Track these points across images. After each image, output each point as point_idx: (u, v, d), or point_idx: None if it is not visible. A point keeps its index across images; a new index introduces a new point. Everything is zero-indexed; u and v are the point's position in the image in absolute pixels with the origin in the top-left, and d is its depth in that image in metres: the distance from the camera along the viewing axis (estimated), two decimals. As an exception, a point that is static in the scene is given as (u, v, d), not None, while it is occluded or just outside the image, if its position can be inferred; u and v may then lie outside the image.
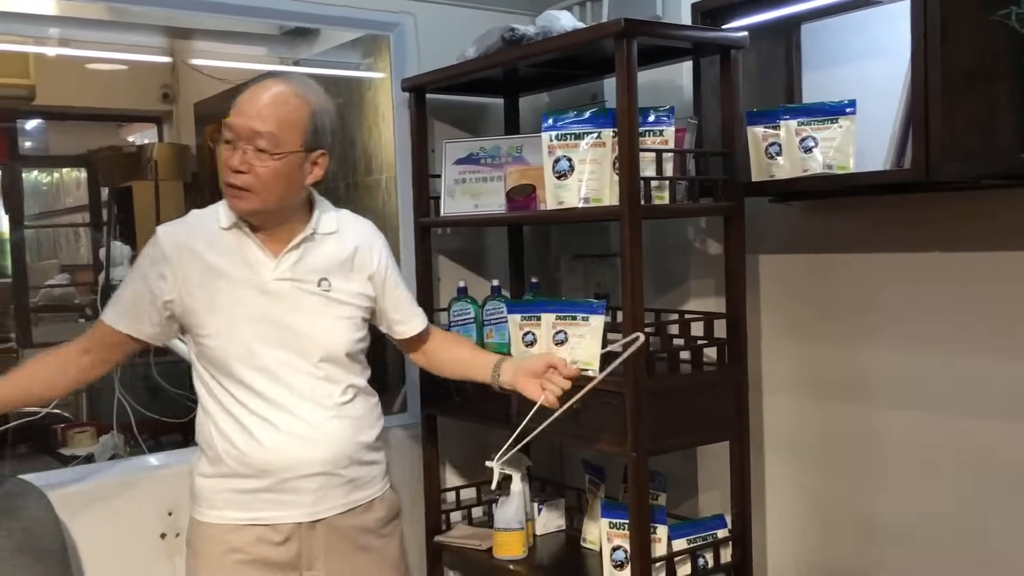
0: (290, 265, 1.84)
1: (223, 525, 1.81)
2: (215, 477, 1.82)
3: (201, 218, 1.89)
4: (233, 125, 1.75)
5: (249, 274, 1.82)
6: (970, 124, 1.76)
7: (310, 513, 1.83)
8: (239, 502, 1.81)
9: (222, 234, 1.84)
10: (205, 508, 1.84)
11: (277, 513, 1.81)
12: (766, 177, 2.13)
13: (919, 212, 2.02)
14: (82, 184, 5.79)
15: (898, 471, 2.09)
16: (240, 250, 1.83)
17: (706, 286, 2.43)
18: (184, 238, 1.84)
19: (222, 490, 1.82)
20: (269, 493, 1.80)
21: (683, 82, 2.40)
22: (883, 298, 2.10)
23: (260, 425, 1.79)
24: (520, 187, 2.29)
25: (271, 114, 1.75)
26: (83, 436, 2.95)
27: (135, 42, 3.70)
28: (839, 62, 2.23)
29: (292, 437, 1.80)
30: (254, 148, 1.74)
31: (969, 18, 1.75)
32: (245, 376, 1.80)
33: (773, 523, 2.37)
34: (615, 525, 2.17)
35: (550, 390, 1.83)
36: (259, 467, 1.79)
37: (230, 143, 1.76)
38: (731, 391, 2.13)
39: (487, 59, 2.27)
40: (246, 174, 1.75)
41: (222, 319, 1.80)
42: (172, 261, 1.81)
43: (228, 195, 1.80)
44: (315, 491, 1.82)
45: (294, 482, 1.81)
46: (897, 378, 2.08)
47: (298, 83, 1.82)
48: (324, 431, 1.83)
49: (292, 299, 1.83)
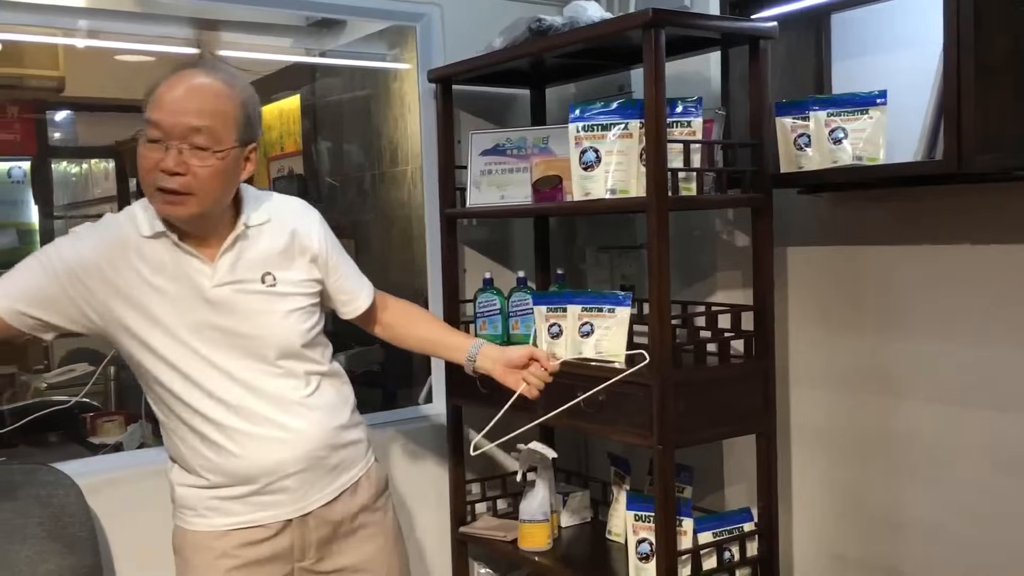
0: (228, 268, 1.71)
1: (211, 532, 1.74)
2: (196, 487, 1.75)
3: (118, 226, 1.71)
4: (162, 123, 1.58)
5: (187, 285, 1.68)
6: (1003, 115, 1.74)
7: (299, 508, 1.76)
8: (225, 508, 1.73)
9: (146, 243, 1.68)
10: (190, 516, 1.76)
11: (265, 514, 1.74)
12: (795, 168, 2.11)
13: (950, 204, 1.99)
14: (110, 175, 5.82)
15: (925, 464, 2.07)
16: (172, 261, 1.68)
17: (733, 278, 2.42)
18: (112, 250, 1.68)
19: (205, 498, 1.74)
20: (254, 496, 1.73)
21: (711, 73, 2.38)
22: (912, 291, 2.08)
23: (230, 436, 1.70)
24: (546, 178, 2.28)
25: (206, 108, 1.61)
26: (112, 425, 2.97)
27: (163, 33, 3.72)
28: (869, 52, 2.21)
29: (265, 442, 1.71)
30: (190, 146, 1.59)
31: (1002, 7, 1.73)
32: (205, 388, 1.69)
33: (799, 516, 2.36)
34: (641, 517, 2.16)
35: (532, 383, 1.83)
36: (239, 476, 1.72)
37: (156, 142, 1.60)
38: (758, 384, 2.12)
39: (514, 50, 2.26)
40: (183, 176, 1.60)
41: (166, 334, 1.68)
42: (94, 272, 1.66)
43: (160, 201, 1.62)
44: (300, 487, 1.75)
45: (277, 483, 1.73)
46: (925, 371, 2.06)
47: (223, 72, 1.69)
48: (296, 429, 1.74)
49: (236, 303, 1.71)
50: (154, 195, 1.63)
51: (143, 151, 1.62)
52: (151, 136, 1.60)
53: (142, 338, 1.69)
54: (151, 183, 1.62)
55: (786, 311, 2.33)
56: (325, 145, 4.17)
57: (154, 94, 1.63)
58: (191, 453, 1.74)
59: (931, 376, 2.05)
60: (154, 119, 1.59)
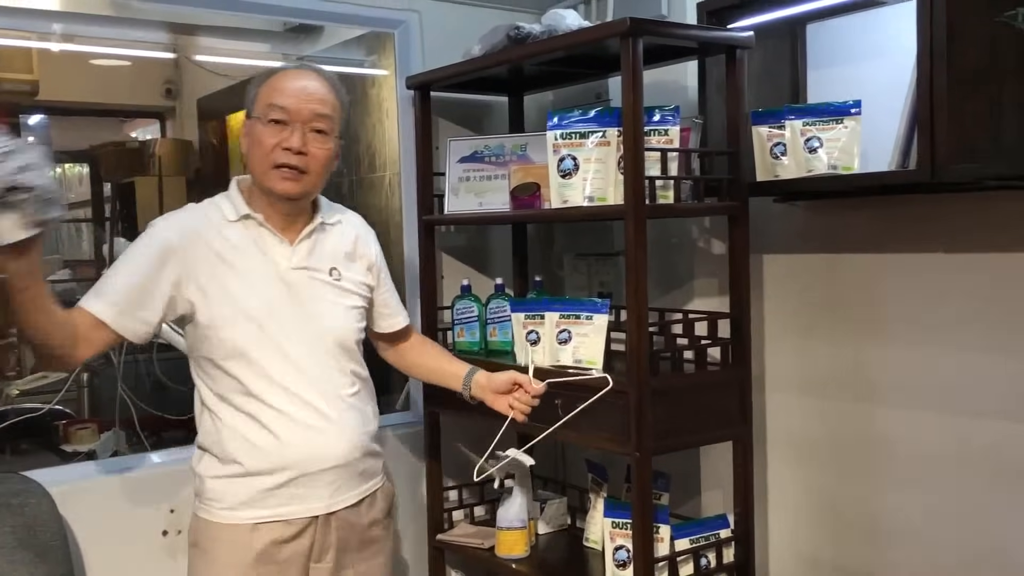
0: (305, 254, 1.84)
1: (238, 525, 1.78)
2: (227, 477, 1.79)
3: (203, 211, 1.85)
4: (289, 106, 1.74)
5: (264, 263, 1.80)
6: (976, 125, 1.75)
7: (327, 506, 1.82)
8: (256, 500, 1.78)
9: (230, 226, 1.81)
10: (216, 508, 1.80)
11: (294, 508, 1.79)
12: (771, 177, 2.12)
13: (924, 213, 2.01)
14: (85, 179, 5.78)
15: (902, 470, 2.09)
16: (254, 240, 1.81)
17: (710, 285, 2.43)
18: (189, 229, 1.80)
19: (235, 490, 1.78)
20: (285, 488, 1.78)
21: (688, 81, 2.40)
22: (887, 298, 2.10)
23: (276, 418, 1.77)
24: (524, 185, 2.29)
25: (327, 98, 1.79)
26: (85, 433, 2.93)
27: (138, 38, 3.69)
28: (844, 62, 2.22)
29: (309, 430, 1.79)
30: (312, 130, 1.76)
31: (976, 18, 1.74)
32: (263, 368, 1.77)
33: (776, 522, 2.37)
34: (618, 524, 2.16)
35: (518, 408, 1.92)
36: (276, 462, 1.77)
37: (279, 123, 1.75)
38: (735, 391, 2.13)
39: (492, 57, 2.27)
40: (304, 155, 1.76)
41: (237, 309, 1.77)
42: (179, 252, 1.77)
43: (279, 176, 1.76)
44: (331, 483, 1.82)
45: (312, 477, 1.79)
46: (901, 377, 2.08)
47: (328, 74, 1.87)
48: (339, 423, 1.82)
49: (308, 287, 1.83)
50: (269, 172, 1.76)
51: (263, 131, 1.75)
52: (275, 117, 1.74)
53: (213, 314, 1.76)
54: (270, 161, 1.75)
55: (762, 318, 2.34)
56: (302, 151, 4.15)
57: (270, 84, 1.78)
58: (232, 437, 1.78)
59: (906, 382, 2.07)
60: (280, 103, 1.74)
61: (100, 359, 3.06)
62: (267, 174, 1.77)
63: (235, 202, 1.83)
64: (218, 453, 1.80)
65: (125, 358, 2.79)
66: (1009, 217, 1.88)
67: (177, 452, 2.36)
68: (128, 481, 2.22)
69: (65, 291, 5.08)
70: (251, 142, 1.79)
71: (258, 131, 1.76)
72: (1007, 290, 1.88)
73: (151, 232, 1.81)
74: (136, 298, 1.74)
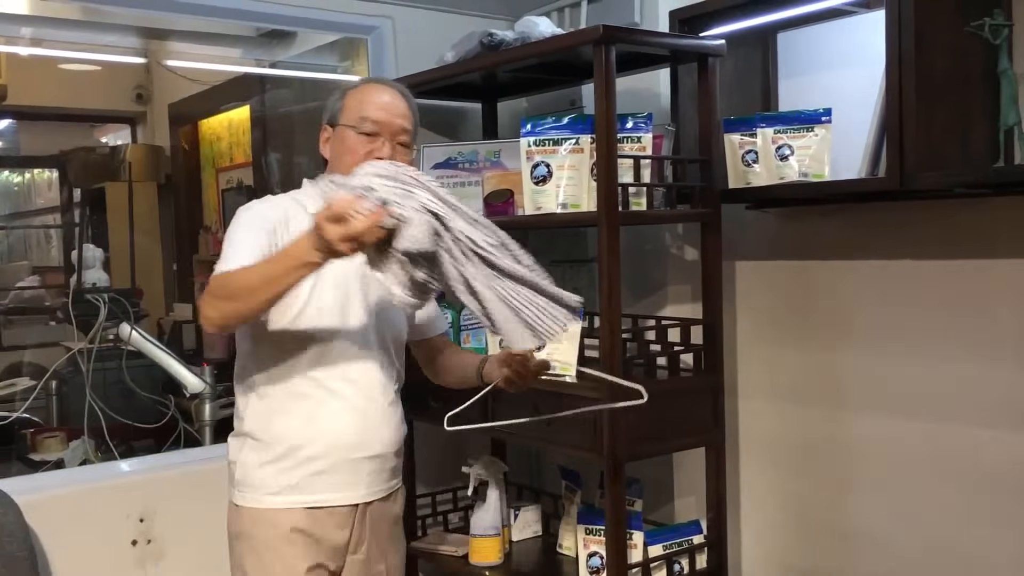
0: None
1: (286, 510, 1.79)
2: (273, 462, 1.80)
3: (285, 201, 1.88)
4: (381, 121, 1.83)
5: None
6: (944, 133, 1.78)
7: (366, 494, 1.85)
8: (303, 485, 1.80)
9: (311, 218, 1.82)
10: (260, 495, 1.81)
11: (337, 495, 1.82)
12: (743, 184, 2.14)
13: (893, 220, 2.03)
14: (54, 185, 5.72)
15: (873, 475, 2.11)
16: None
17: (683, 292, 2.44)
18: (281, 210, 1.83)
19: (282, 475, 1.80)
20: (329, 476, 1.80)
21: (661, 89, 2.41)
22: (858, 304, 2.11)
23: (333, 401, 1.80)
24: (498, 192, 2.29)
25: (408, 113, 1.88)
26: (53, 441, 2.89)
27: (109, 42, 3.66)
28: (815, 70, 2.25)
29: (362, 416, 1.83)
30: (397, 143, 1.84)
31: (943, 28, 1.77)
32: (331, 351, 1.80)
33: (748, 528, 2.38)
34: (591, 531, 2.17)
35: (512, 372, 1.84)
36: (328, 443, 1.80)
37: (371, 135, 1.82)
38: (707, 397, 2.14)
39: (466, 63, 2.27)
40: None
41: (320, 293, 1.79)
42: (279, 227, 1.78)
43: None
44: (371, 473, 1.85)
45: (355, 464, 1.82)
46: (872, 383, 2.10)
47: (407, 90, 1.95)
48: (386, 415, 1.87)
49: (374, 284, 1.80)
50: None
51: (356, 140, 1.83)
52: (367, 130, 1.83)
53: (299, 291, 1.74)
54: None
55: (735, 325, 2.35)
56: (275, 156, 4.13)
57: (360, 97, 1.86)
58: (285, 417, 1.80)
59: (877, 388, 2.09)
60: (373, 117, 1.83)
61: (69, 366, 3.03)
62: None
63: (311, 195, 1.86)
64: (263, 436, 1.81)
65: (93, 366, 2.76)
66: (977, 225, 1.90)
67: (147, 460, 2.35)
68: (97, 490, 2.20)
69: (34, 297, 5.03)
70: (341, 148, 1.85)
71: (351, 139, 1.83)
72: (975, 297, 1.91)
73: (251, 210, 1.83)
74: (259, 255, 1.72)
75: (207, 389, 2.81)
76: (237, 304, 1.61)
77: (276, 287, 1.58)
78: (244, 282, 1.60)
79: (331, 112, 1.89)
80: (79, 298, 2.96)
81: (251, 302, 1.61)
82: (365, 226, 1.43)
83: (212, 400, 2.82)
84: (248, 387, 1.85)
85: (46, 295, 5.08)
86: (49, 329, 3.96)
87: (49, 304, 4.98)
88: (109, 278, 3.75)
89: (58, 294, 4.85)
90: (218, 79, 4.37)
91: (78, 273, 3.61)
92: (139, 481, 2.23)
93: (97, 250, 3.80)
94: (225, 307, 1.62)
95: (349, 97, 1.88)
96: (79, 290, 3.20)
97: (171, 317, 4.58)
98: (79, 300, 2.95)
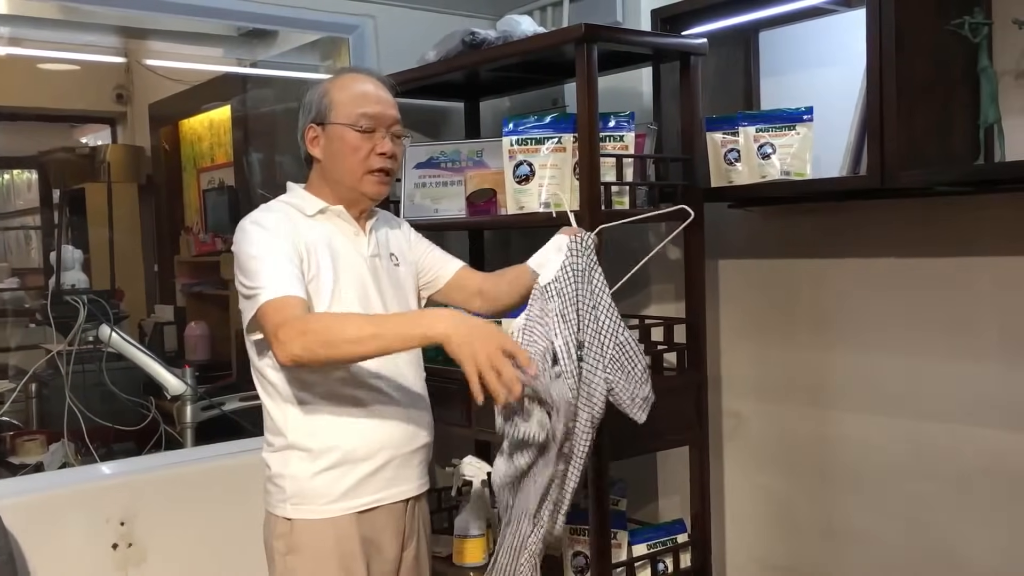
0: (376, 242, 1.88)
1: (343, 517, 1.76)
2: (326, 471, 1.75)
3: (281, 208, 1.84)
4: (377, 115, 1.80)
5: (350, 252, 1.82)
6: (925, 132, 1.78)
7: (417, 487, 1.85)
8: (357, 489, 1.76)
9: (309, 220, 1.82)
10: (320, 504, 1.76)
11: (392, 491, 1.81)
12: (725, 183, 2.14)
13: (874, 218, 2.04)
14: (33, 186, 5.67)
15: (856, 473, 2.11)
16: (337, 230, 1.83)
17: (666, 291, 2.44)
18: (286, 219, 1.80)
19: (336, 482, 1.76)
20: (382, 472, 1.79)
21: (643, 88, 2.41)
22: (840, 303, 2.12)
23: (376, 399, 1.78)
24: (481, 191, 2.28)
25: (394, 102, 1.86)
26: (32, 444, 2.87)
27: (88, 42, 3.63)
28: (797, 69, 2.25)
29: (406, 410, 1.82)
30: (392, 135, 1.83)
31: (924, 27, 1.78)
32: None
33: (732, 526, 2.38)
34: (576, 531, 2.16)
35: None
36: (378, 443, 1.78)
37: (369, 132, 1.80)
38: (691, 396, 2.14)
39: (448, 62, 2.26)
40: (394, 158, 1.83)
41: (341, 292, 1.77)
42: (291, 237, 1.75)
43: (374, 181, 1.81)
44: (419, 465, 1.86)
45: (406, 457, 1.82)
46: (854, 381, 2.10)
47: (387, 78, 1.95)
48: (424, 405, 1.87)
49: (384, 273, 1.87)
50: (364, 177, 1.81)
51: (357, 139, 1.79)
52: (365, 126, 1.79)
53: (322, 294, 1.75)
54: (366, 166, 1.80)
55: (718, 323, 2.36)
56: (256, 156, 4.11)
57: (350, 92, 1.81)
58: (331, 424, 1.76)
59: (860, 386, 2.09)
60: (369, 112, 1.79)
61: (49, 368, 3.00)
62: (362, 179, 1.81)
63: (307, 199, 1.84)
64: (312, 446, 1.76)
65: (73, 368, 2.74)
66: (958, 222, 1.91)
67: (128, 464, 2.32)
68: (77, 494, 2.17)
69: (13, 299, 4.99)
70: (339, 148, 1.81)
71: (352, 139, 1.80)
72: (956, 294, 1.92)
73: (261, 227, 1.76)
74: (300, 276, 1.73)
75: (188, 391, 2.79)
76: (332, 352, 1.58)
77: (383, 348, 1.58)
78: (349, 334, 1.58)
79: (317, 110, 1.82)
80: (58, 300, 2.93)
81: (348, 353, 1.60)
82: (507, 388, 1.49)
83: (193, 402, 2.80)
84: (284, 401, 1.78)
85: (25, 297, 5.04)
86: (28, 331, 3.93)
87: (29, 306, 4.94)
88: (89, 279, 3.71)
89: (37, 296, 4.81)
90: (199, 79, 4.34)
91: (57, 275, 3.57)
92: (120, 484, 2.21)
93: (76, 251, 3.76)
94: (319, 351, 1.58)
95: (337, 93, 1.82)
96: (58, 292, 3.17)
97: (152, 319, 4.55)
98: (58, 302, 2.92)
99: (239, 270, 1.73)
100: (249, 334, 1.74)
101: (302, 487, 1.77)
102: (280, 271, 1.68)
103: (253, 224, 1.77)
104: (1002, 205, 1.83)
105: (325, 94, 1.83)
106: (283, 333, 1.59)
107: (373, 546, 1.79)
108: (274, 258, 1.70)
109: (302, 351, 1.57)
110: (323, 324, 1.62)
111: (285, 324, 1.59)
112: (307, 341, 1.57)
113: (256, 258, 1.70)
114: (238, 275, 1.74)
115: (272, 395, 1.79)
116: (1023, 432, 1.83)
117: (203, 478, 2.36)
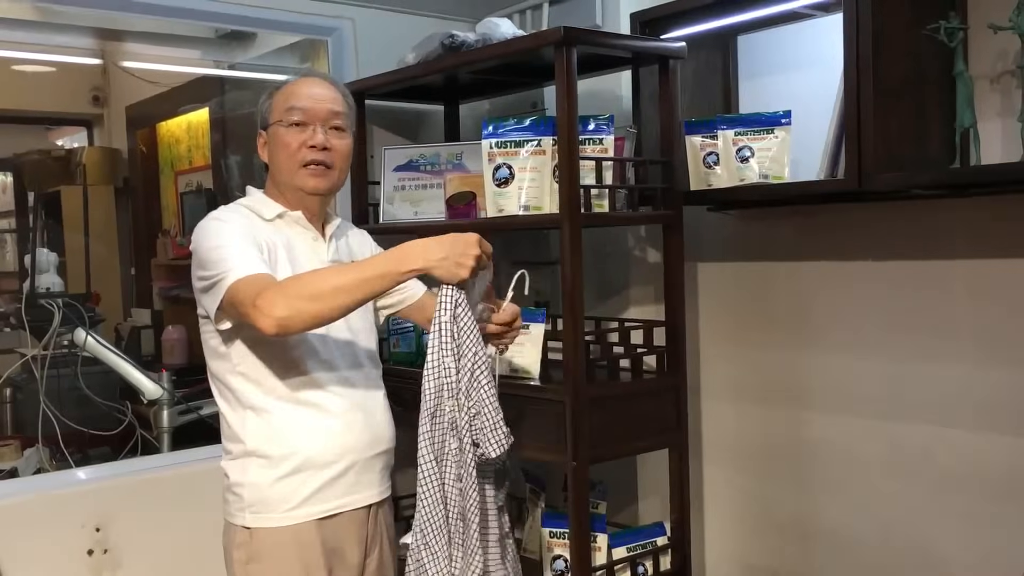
0: (335, 248, 1.89)
1: (305, 523, 1.74)
2: (287, 477, 1.74)
3: (239, 210, 1.84)
4: (308, 108, 1.81)
5: (309, 256, 1.83)
6: (901, 135, 1.80)
7: (379, 492, 1.85)
8: (318, 495, 1.75)
9: (267, 224, 1.82)
10: (280, 512, 1.74)
11: (354, 497, 1.80)
12: (704, 186, 2.15)
13: (852, 221, 2.05)
14: (8, 188, 5.61)
15: (834, 474, 2.12)
16: (294, 235, 1.84)
17: (646, 294, 2.44)
18: (244, 218, 1.80)
19: (298, 487, 1.74)
20: (345, 478, 1.77)
21: (622, 91, 2.41)
22: (819, 305, 2.13)
23: (337, 403, 1.77)
24: (460, 194, 2.28)
25: (339, 99, 1.86)
26: (6, 450, 2.84)
27: (64, 43, 3.60)
28: (775, 72, 2.26)
29: (367, 414, 1.81)
30: (330, 127, 1.82)
31: (901, 31, 1.79)
32: (322, 353, 1.77)
33: (712, 528, 2.39)
34: (555, 534, 2.16)
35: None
36: (340, 448, 1.77)
37: (300, 125, 1.80)
38: (670, 398, 2.14)
39: (427, 65, 2.25)
40: (328, 150, 1.82)
41: None
42: (251, 234, 1.74)
43: (307, 175, 1.81)
44: (382, 470, 1.85)
45: (369, 462, 1.81)
46: (832, 383, 2.11)
47: (336, 79, 1.97)
48: (384, 409, 1.87)
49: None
50: (298, 172, 1.81)
51: (287, 135, 1.80)
52: (296, 120, 1.80)
53: None
54: (297, 161, 1.81)
55: (697, 326, 2.36)
56: (235, 159, 4.08)
57: (284, 92, 1.84)
58: (291, 430, 1.74)
59: (838, 388, 2.10)
60: (299, 106, 1.81)
61: (23, 373, 2.97)
62: (296, 173, 1.81)
63: (265, 203, 1.85)
64: (271, 452, 1.74)
65: (48, 372, 2.71)
66: (934, 225, 1.92)
67: (103, 469, 2.30)
68: (52, 499, 2.15)
69: (-14, 303, 4.93)
70: (275, 147, 1.83)
71: (281, 135, 1.81)
72: (933, 297, 1.93)
73: (220, 220, 1.77)
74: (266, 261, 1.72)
75: (165, 395, 2.77)
76: (319, 305, 1.55)
77: (368, 291, 1.58)
78: (332, 283, 1.57)
79: (261, 116, 1.87)
80: (32, 303, 2.90)
81: (337, 304, 1.57)
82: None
83: (170, 406, 2.78)
84: (242, 406, 1.76)
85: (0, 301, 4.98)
86: (3, 335, 3.89)
87: (3, 310, 4.88)
88: (64, 283, 3.67)
89: (11, 299, 4.76)
90: (176, 81, 4.32)
91: (31, 278, 3.53)
92: (95, 489, 2.18)
93: (51, 254, 3.72)
94: (305, 307, 1.54)
95: (276, 96, 1.85)
96: (32, 295, 3.14)
97: (129, 322, 4.51)
98: (32, 305, 2.89)
99: (199, 266, 1.71)
100: (218, 323, 1.71)
101: (263, 495, 1.75)
102: (246, 254, 1.67)
103: (212, 220, 1.78)
104: (977, 208, 1.84)
105: (267, 99, 1.87)
106: (262, 300, 1.55)
107: (335, 554, 1.77)
108: (238, 244, 1.70)
109: (287, 311, 1.54)
110: (302, 281, 1.61)
111: (261, 293, 1.56)
112: (291, 300, 1.55)
113: (218, 247, 1.69)
114: (197, 272, 1.72)
115: (230, 400, 1.78)
116: (997, 433, 1.85)
117: (180, 483, 2.34)
